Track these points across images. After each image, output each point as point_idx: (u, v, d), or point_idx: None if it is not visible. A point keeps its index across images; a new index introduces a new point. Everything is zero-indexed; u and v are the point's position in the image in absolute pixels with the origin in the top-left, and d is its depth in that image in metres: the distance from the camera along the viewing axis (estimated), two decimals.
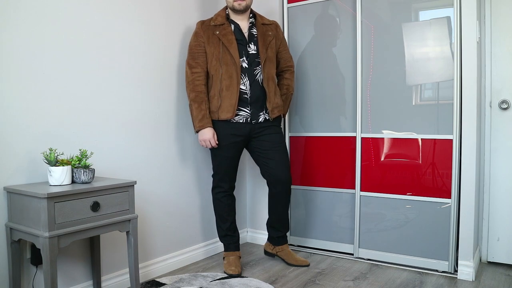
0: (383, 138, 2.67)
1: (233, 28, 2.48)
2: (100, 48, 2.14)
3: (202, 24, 2.49)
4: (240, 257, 2.62)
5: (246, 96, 2.44)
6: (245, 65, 2.44)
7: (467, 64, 2.35)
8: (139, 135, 2.37)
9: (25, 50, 1.83)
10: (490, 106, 2.63)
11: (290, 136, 3.04)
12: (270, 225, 2.73)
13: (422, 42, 2.52)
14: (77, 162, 1.82)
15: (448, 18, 2.43)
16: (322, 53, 2.88)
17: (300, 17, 2.96)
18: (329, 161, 2.89)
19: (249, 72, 2.44)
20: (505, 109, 2.59)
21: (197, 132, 2.46)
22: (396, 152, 2.64)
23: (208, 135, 2.42)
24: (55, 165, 1.75)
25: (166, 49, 2.52)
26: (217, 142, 2.46)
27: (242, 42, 2.46)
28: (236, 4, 2.42)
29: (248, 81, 2.44)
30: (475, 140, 2.36)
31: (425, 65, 2.52)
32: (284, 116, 2.68)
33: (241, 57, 2.44)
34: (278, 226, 2.69)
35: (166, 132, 2.53)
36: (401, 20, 2.58)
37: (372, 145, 2.70)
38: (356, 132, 2.74)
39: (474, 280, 2.37)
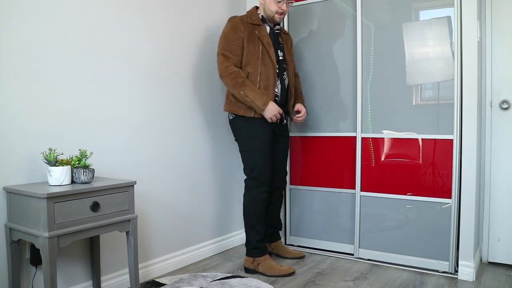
0: (383, 138, 2.67)
1: (268, 31, 2.55)
2: (101, 48, 2.14)
3: (242, 19, 2.49)
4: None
5: (277, 98, 2.54)
6: (277, 69, 2.52)
7: (467, 64, 2.35)
8: (139, 135, 2.36)
9: (25, 50, 1.83)
10: (491, 106, 2.63)
11: (290, 136, 3.03)
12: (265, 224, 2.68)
13: (422, 42, 2.52)
14: (77, 162, 1.82)
15: (449, 18, 2.43)
16: (322, 53, 2.88)
17: (300, 17, 2.96)
18: (329, 161, 2.89)
19: (280, 77, 2.54)
20: (505, 109, 2.59)
21: (262, 110, 2.42)
22: (396, 152, 2.64)
23: (275, 109, 2.43)
24: (54, 165, 1.75)
25: (168, 49, 2.52)
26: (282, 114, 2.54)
27: (275, 46, 2.56)
28: (277, 17, 2.51)
29: (280, 84, 2.54)
30: (475, 140, 2.36)
31: (425, 65, 2.52)
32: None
33: (275, 60, 2.52)
34: (275, 222, 2.81)
35: (166, 132, 2.53)
36: (401, 20, 2.58)
37: (372, 145, 2.70)
38: (356, 132, 2.74)
39: (474, 280, 2.37)
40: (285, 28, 2.99)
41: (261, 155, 2.49)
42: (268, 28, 2.54)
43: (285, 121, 2.66)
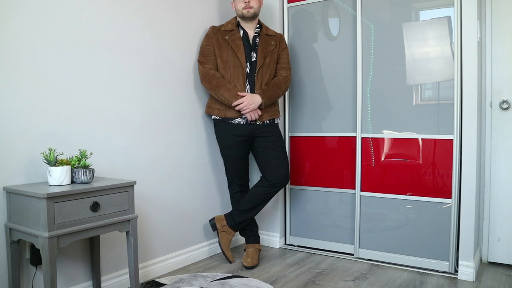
0: (383, 138, 2.66)
1: (241, 34, 2.63)
2: (101, 48, 2.14)
3: (214, 28, 2.66)
4: (259, 250, 2.76)
5: None
6: (247, 70, 2.58)
7: (467, 64, 2.35)
8: (139, 135, 2.36)
9: (25, 50, 1.83)
10: (491, 106, 2.62)
11: (290, 136, 3.04)
12: (238, 209, 2.69)
13: (422, 42, 2.52)
14: (77, 162, 1.82)
15: (449, 17, 2.43)
16: (322, 53, 2.88)
17: (300, 17, 2.96)
18: (329, 161, 2.89)
19: (250, 77, 2.58)
20: (505, 109, 2.59)
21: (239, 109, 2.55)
22: (396, 152, 2.64)
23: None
24: (54, 165, 1.75)
25: (171, 49, 2.52)
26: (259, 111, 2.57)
27: (247, 48, 2.61)
28: (245, 11, 2.59)
29: (249, 85, 2.58)
30: (475, 140, 2.36)
31: (426, 65, 2.52)
32: (262, 105, 2.53)
33: (245, 62, 2.58)
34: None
35: (167, 132, 2.53)
36: (401, 20, 2.58)
37: (372, 145, 2.70)
38: (356, 132, 2.74)
39: (474, 280, 2.37)
40: (285, 28, 2.99)
41: (226, 159, 2.70)
42: (241, 32, 2.63)
43: (263, 121, 2.61)
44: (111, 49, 2.19)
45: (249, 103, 2.50)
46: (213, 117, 2.67)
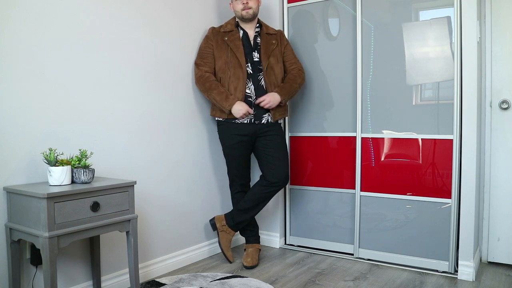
0: (383, 138, 2.67)
1: (241, 35, 2.64)
2: (101, 48, 2.14)
3: (213, 30, 2.67)
4: (260, 250, 2.77)
5: (250, 99, 2.57)
6: (249, 70, 2.59)
7: (467, 64, 2.35)
8: (139, 135, 2.36)
9: (25, 50, 1.83)
10: (491, 106, 2.63)
11: (290, 136, 3.04)
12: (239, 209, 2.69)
13: (422, 42, 2.52)
14: (77, 162, 1.82)
15: (449, 18, 2.43)
16: (322, 53, 2.88)
17: (300, 17, 2.96)
18: (329, 161, 2.89)
19: (253, 78, 2.59)
20: (505, 109, 2.59)
21: (230, 112, 2.55)
22: (396, 152, 2.64)
23: (242, 107, 2.51)
24: (55, 165, 1.75)
25: (171, 49, 2.52)
26: (252, 112, 2.56)
27: (248, 49, 2.62)
28: (244, 13, 2.60)
29: (253, 85, 2.58)
30: (475, 140, 2.36)
31: (425, 65, 2.52)
32: (283, 101, 2.59)
33: (246, 62, 2.58)
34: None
35: (167, 132, 2.53)
36: (401, 20, 2.58)
37: (372, 145, 2.70)
38: (356, 132, 2.74)
39: (474, 280, 2.37)
40: (285, 28, 2.99)
41: (228, 159, 2.71)
42: (241, 32, 2.64)
43: (266, 121, 2.61)
44: (111, 49, 2.19)
45: (271, 99, 2.53)
46: (216, 118, 2.68)
